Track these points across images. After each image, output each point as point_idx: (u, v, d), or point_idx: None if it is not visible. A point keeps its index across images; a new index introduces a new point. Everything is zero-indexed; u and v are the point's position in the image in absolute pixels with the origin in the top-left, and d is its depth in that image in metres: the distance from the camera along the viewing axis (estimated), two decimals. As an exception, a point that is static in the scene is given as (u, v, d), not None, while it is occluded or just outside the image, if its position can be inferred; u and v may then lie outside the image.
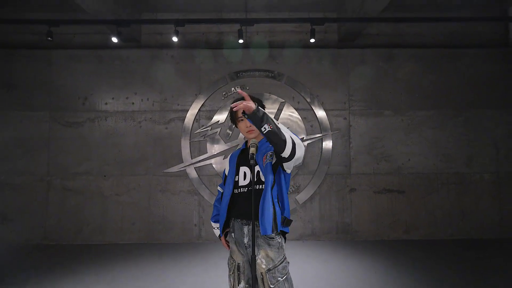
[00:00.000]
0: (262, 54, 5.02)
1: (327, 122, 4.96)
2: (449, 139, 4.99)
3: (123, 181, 4.89)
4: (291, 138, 1.50)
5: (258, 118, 1.47)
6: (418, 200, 4.91)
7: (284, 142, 1.47)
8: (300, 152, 1.54)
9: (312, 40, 4.43)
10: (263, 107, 1.78)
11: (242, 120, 1.75)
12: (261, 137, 1.78)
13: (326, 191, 4.93)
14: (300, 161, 1.60)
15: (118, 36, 4.40)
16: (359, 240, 4.84)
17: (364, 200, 4.91)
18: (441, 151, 4.98)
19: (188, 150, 4.92)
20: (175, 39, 4.43)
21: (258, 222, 1.58)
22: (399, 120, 5.00)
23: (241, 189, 1.72)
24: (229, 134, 4.95)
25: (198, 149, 4.95)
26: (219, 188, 2.00)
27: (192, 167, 4.91)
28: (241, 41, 4.47)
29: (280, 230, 1.66)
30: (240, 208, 1.70)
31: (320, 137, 4.96)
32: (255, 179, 1.65)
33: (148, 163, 4.91)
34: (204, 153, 4.93)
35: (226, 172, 1.89)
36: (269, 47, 5.10)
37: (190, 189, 4.91)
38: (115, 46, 4.98)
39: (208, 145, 4.96)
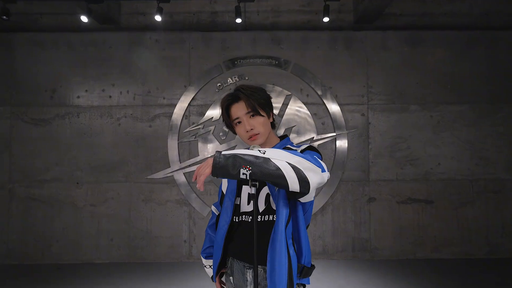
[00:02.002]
0: (264, 38, 4.39)
1: (342, 119, 4.33)
2: (486, 139, 4.36)
3: (99, 189, 4.31)
4: (289, 164, 1.06)
5: (226, 169, 1.05)
6: (449, 211, 4.33)
7: (281, 176, 1.05)
8: (316, 176, 1.10)
9: (326, 19, 3.70)
10: (268, 98, 1.37)
11: (239, 123, 1.33)
12: (273, 143, 1.37)
13: (340, 201, 4.33)
14: (325, 182, 1.15)
15: (88, 15, 3.63)
16: (379, 259, 4.28)
17: (385, 212, 4.33)
18: (477, 154, 4.35)
19: (176, 152, 4.32)
20: (158, 18, 3.71)
21: (266, 267, 1.19)
22: (428, 117, 4.37)
23: (244, 217, 1.32)
24: (225, 132, 4.34)
25: (188, 151, 4.35)
26: (213, 208, 1.56)
27: (181, 172, 4.30)
28: (238, 20, 3.74)
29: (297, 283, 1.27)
30: (241, 244, 1.30)
31: (334, 137, 4.33)
32: (264, 206, 1.28)
33: (129, 167, 4.32)
34: (195, 156, 4.33)
35: (224, 189, 1.46)
36: (272, 30, 4.45)
37: (178, 199, 4.32)
38: (89, 28, 4.30)
39: (200, 146, 4.34)
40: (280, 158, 1.06)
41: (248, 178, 1.05)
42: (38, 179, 4.29)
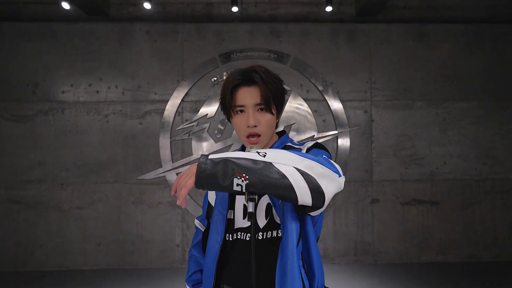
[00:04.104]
0: (262, 30, 4.19)
1: (344, 116, 4.16)
2: (495, 137, 4.22)
3: (85, 191, 4.09)
4: (297, 170, 0.83)
5: (214, 179, 0.80)
6: (455, 213, 4.18)
7: (288, 187, 0.82)
8: (332, 184, 0.87)
9: (329, 8, 3.51)
10: (284, 92, 1.11)
11: (242, 111, 1.07)
12: (272, 142, 1.13)
13: (342, 202, 4.15)
14: (341, 189, 0.93)
15: (71, 1, 3.37)
16: (383, 263, 4.12)
17: (389, 213, 4.17)
18: (484, 153, 4.21)
19: (168, 151, 4.11)
20: (147, 5, 3.47)
21: None
22: (433, 114, 4.21)
23: (240, 234, 1.08)
24: (221, 130, 4.14)
25: (181, 150, 4.14)
26: (197, 223, 1.31)
27: (173, 172, 4.09)
28: (235, 9, 3.54)
29: None
30: (238, 269, 1.08)
31: (335, 135, 4.15)
32: (266, 220, 1.06)
33: (118, 167, 4.11)
34: (189, 155, 4.12)
35: (211, 200, 1.20)
36: (270, 22, 4.25)
37: (171, 201, 4.12)
38: (75, 19, 4.06)
39: (194, 144, 4.13)
40: (286, 162, 0.83)
41: (244, 190, 0.81)
42: (19, 180, 4.04)
